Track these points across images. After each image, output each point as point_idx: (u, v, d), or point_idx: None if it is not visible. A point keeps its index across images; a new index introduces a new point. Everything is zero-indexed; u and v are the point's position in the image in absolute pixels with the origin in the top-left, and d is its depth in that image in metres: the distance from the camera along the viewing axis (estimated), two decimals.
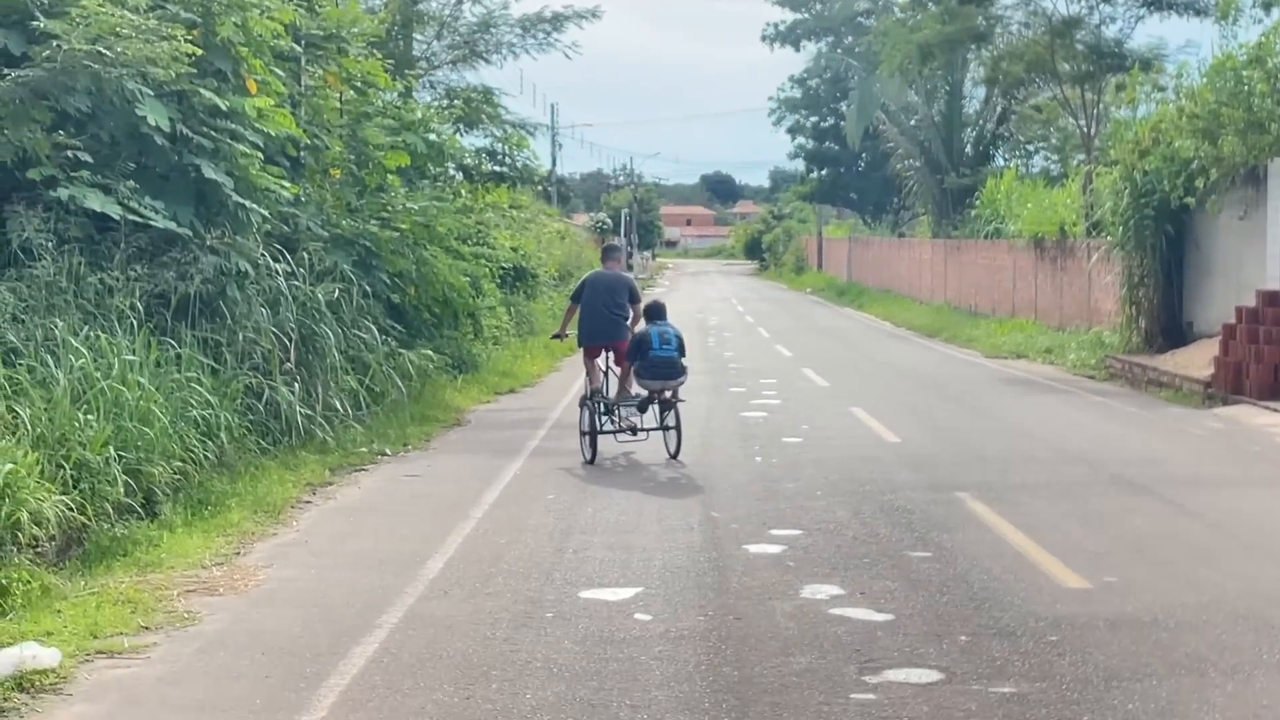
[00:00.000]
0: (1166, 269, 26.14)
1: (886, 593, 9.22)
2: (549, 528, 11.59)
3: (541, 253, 38.48)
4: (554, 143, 76.82)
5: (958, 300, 44.17)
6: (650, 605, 8.92)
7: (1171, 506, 12.41)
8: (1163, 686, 7.14)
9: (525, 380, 25.17)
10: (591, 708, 6.88)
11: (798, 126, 76.87)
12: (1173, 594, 9.11)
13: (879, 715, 6.74)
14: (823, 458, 15.44)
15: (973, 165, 52.03)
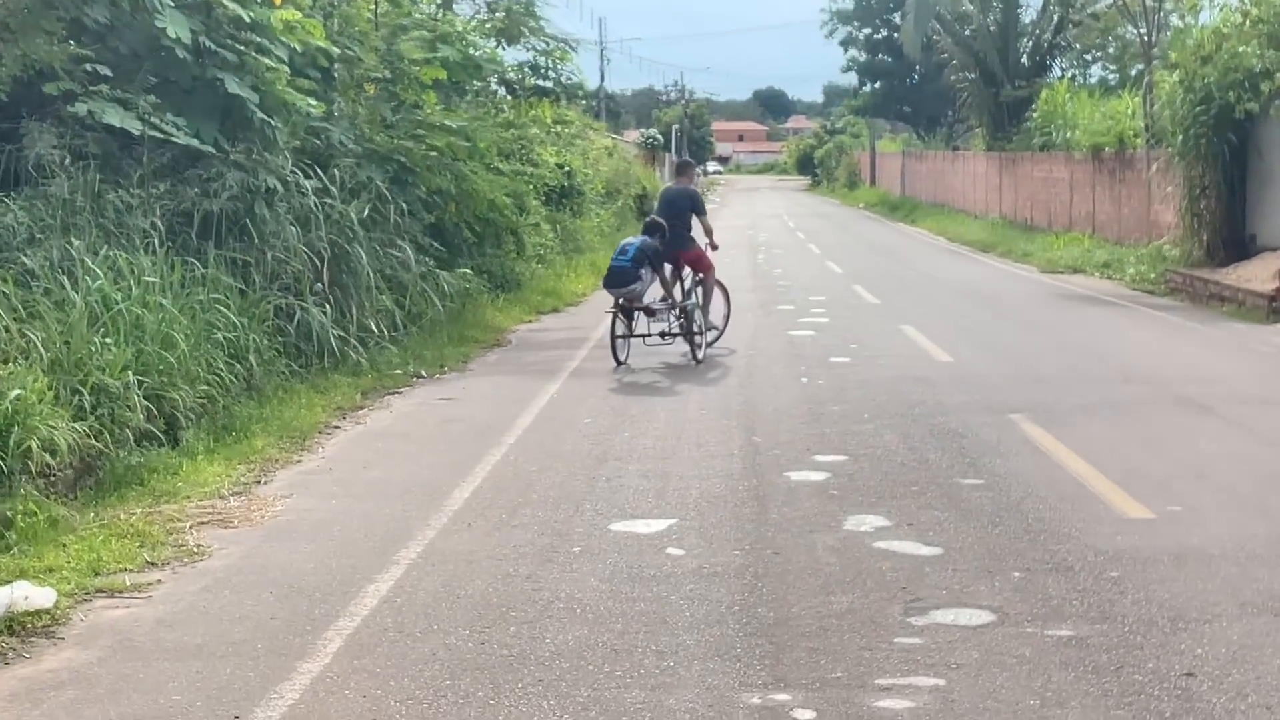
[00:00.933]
0: (1229, 179, 25.24)
1: (935, 524, 8.68)
2: (583, 454, 11.11)
3: (588, 169, 37.79)
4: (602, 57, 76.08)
5: (1013, 214, 43.29)
6: (684, 539, 8.43)
7: (1238, 428, 11.81)
8: (1233, 628, 6.60)
9: (569, 299, 24.66)
10: (614, 653, 6.40)
11: (850, 39, 75.64)
12: (1242, 524, 8.54)
13: (925, 662, 6.22)
14: (871, 378, 14.88)
15: (1029, 76, 50.83)
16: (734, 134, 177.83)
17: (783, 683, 6.01)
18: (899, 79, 72.41)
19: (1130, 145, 33.07)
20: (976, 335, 18.53)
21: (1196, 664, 6.14)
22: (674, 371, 15.65)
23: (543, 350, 17.97)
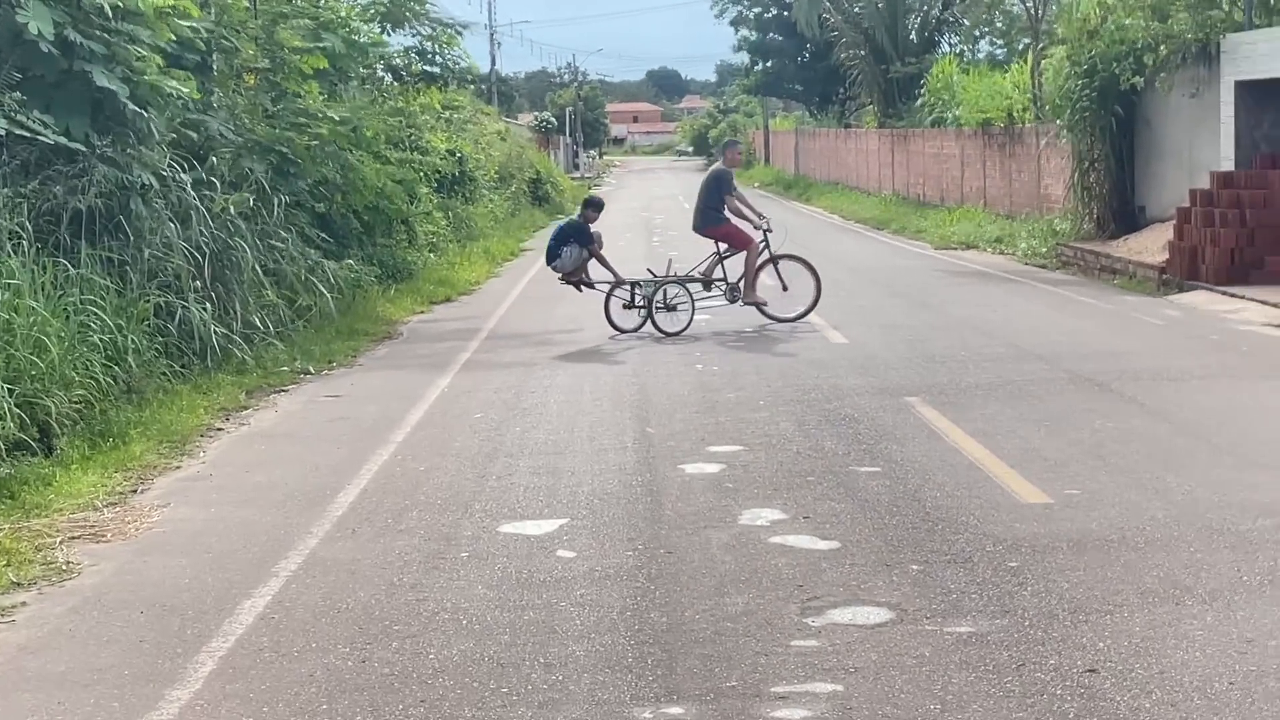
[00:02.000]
0: (1117, 152, 25.37)
1: (832, 516, 8.50)
2: (473, 451, 10.83)
3: (480, 155, 37.38)
4: (492, 41, 75.48)
5: (905, 190, 43.41)
6: (575, 540, 8.18)
7: (1133, 405, 11.74)
8: (1135, 619, 6.45)
9: (463, 288, 24.34)
10: (501, 668, 6.14)
11: (741, 18, 75.42)
12: (1140, 506, 8.43)
13: (822, 666, 6.02)
14: (766, 363, 14.71)
15: (918, 53, 51.00)
16: (629, 115, 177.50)
17: (676, 694, 5.79)
18: (790, 57, 72.33)
19: (1019, 120, 33.20)
20: (871, 315, 18.44)
21: (1099, 659, 5.98)
22: (569, 359, 15.40)
23: (435, 342, 17.64)
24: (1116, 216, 25.40)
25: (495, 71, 76.28)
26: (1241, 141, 21.30)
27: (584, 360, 15.43)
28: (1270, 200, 19.95)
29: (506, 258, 31.12)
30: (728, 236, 18.08)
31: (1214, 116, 22.11)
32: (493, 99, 66.66)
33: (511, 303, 22.22)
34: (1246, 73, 20.94)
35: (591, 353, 15.99)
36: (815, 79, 70.29)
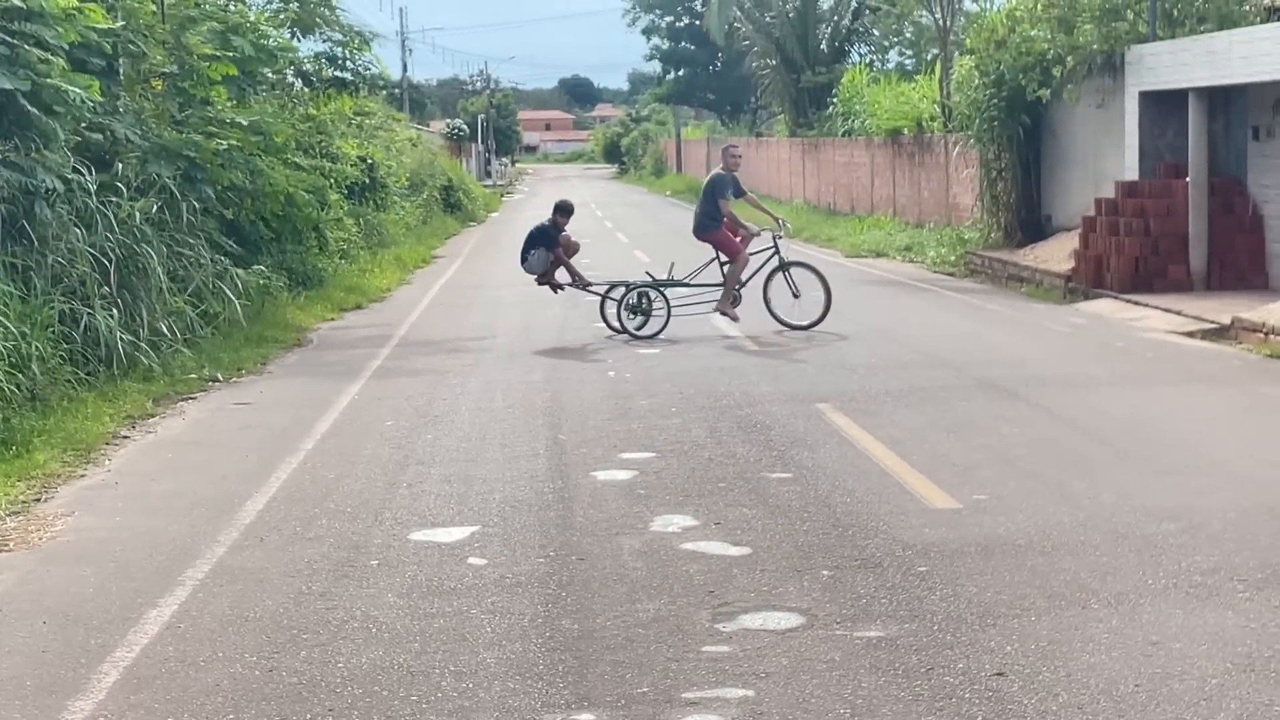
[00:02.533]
0: (1024, 161, 25.68)
1: (743, 522, 8.52)
2: (384, 459, 10.76)
3: (392, 161, 37.18)
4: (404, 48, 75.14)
5: (816, 199, 43.67)
6: (486, 547, 8.14)
7: (1040, 411, 11.87)
8: (1042, 622, 6.51)
9: (373, 295, 24.19)
10: (411, 676, 6.09)
11: (653, 27, 75.74)
12: (1047, 511, 8.51)
13: (733, 672, 6.02)
14: (679, 370, 14.74)
15: (829, 63, 51.30)
16: (541, 123, 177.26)
17: (586, 701, 5.77)
18: (702, 66, 72.68)
19: (928, 129, 33.49)
20: None
21: (1007, 662, 6.03)
22: (482, 366, 15.34)
23: (345, 349, 17.52)
24: (1024, 225, 25.70)
25: (407, 78, 75.96)
26: (1145, 151, 21.61)
27: (496, 367, 15.37)
28: (1173, 209, 20.24)
29: (418, 265, 30.98)
30: (720, 244, 18.10)
31: (1119, 126, 22.42)
32: (404, 106, 66.32)
33: (423, 310, 22.11)
34: (1150, 84, 21.24)
35: (503, 360, 15.94)
36: (727, 88, 70.68)
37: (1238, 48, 18.76)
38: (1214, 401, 12.24)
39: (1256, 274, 19.68)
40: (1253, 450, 10.09)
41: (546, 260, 18.44)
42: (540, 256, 18.45)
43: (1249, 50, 18.43)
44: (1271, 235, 19.61)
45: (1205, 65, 19.57)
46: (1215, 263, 19.92)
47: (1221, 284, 19.70)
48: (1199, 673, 5.84)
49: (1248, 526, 8.04)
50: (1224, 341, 16.11)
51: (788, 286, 17.75)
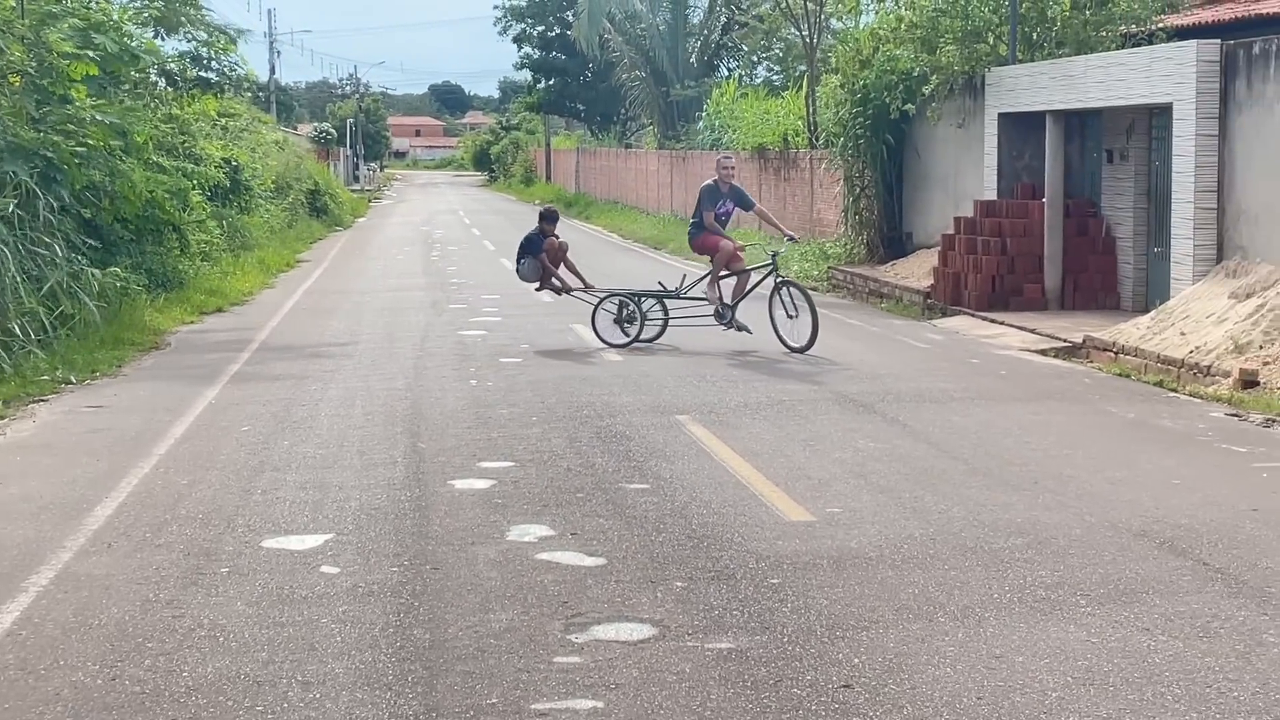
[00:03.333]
0: (887, 179, 26.03)
1: (599, 532, 8.53)
2: (239, 465, 10.63)
3: (257, 164, 36.76)
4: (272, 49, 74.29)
5: (684, 211, 43.78)
6: (340, 555, 8.08)
7: (896, 425, 12.04)
8: (889, 635, 6.60)
9: (235, 298, 23.91)
10: (257, 686, 6.03)
11: (524, 35, 75.53)
12: (898, 525, 8.63)
13: (583, 683, 6.03)
14: (541, 379, 14.73)
15: (698, 76, 51.68)
16: (411, 129, 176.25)
17: (435, 712, 5.74)
18: (573, 76, 72.63)
19: (794, 145, 33.81)
20: None
21: (854, 674, 6.10)
22: (342, 373, 15.21)
23: (204, 353, 17.30)
24: (886, 242, 26.06)
25: (275, 80, 75.13)
26: (1004, 171, 22.02)
27: (357, 374, 15.26)
28: (1030, 229, 20.63)
29: (282, 269, 30.67)
30: (705, 249, 17.82)
31: (979, 147, 22.82)
32: (271, 108, 65.62)
33: (285, 314, 21.89)
34: (1009, 105, 21.64)
35: (365, 366, 15.83)
36: (597, 99, 70.71)
37: (1094, 72, 19.18)
38: (1063, 419, 12.49)
39: (1109, 294, 20.13)
40: (1099, 467, 10.31)
41: (536, 268, 18.45)
42: (530, 264, 18.45)
43: (1104, 75, 18.85)
44: (1123, 256, 20.06)
45: (1062, 89, 19.99)
46: (1069, 282, 20.33)
47: (1075, 303, 20.11)
48: (1040, 686, 5.95)
49: (1092, 542, 8.21)
50: (1075, 360, 16.45)
51: (783, 305, 16.82)
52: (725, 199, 17.75)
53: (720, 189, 17.72)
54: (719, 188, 17.71)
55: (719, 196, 17.67)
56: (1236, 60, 16.39)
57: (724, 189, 17.74)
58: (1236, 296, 15.54)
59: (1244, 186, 16.27)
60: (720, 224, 17.72)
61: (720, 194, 17.70)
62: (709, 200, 17.62)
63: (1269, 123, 15.79)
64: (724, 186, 17.76)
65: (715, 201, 17.62)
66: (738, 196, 17.96)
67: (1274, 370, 13.61)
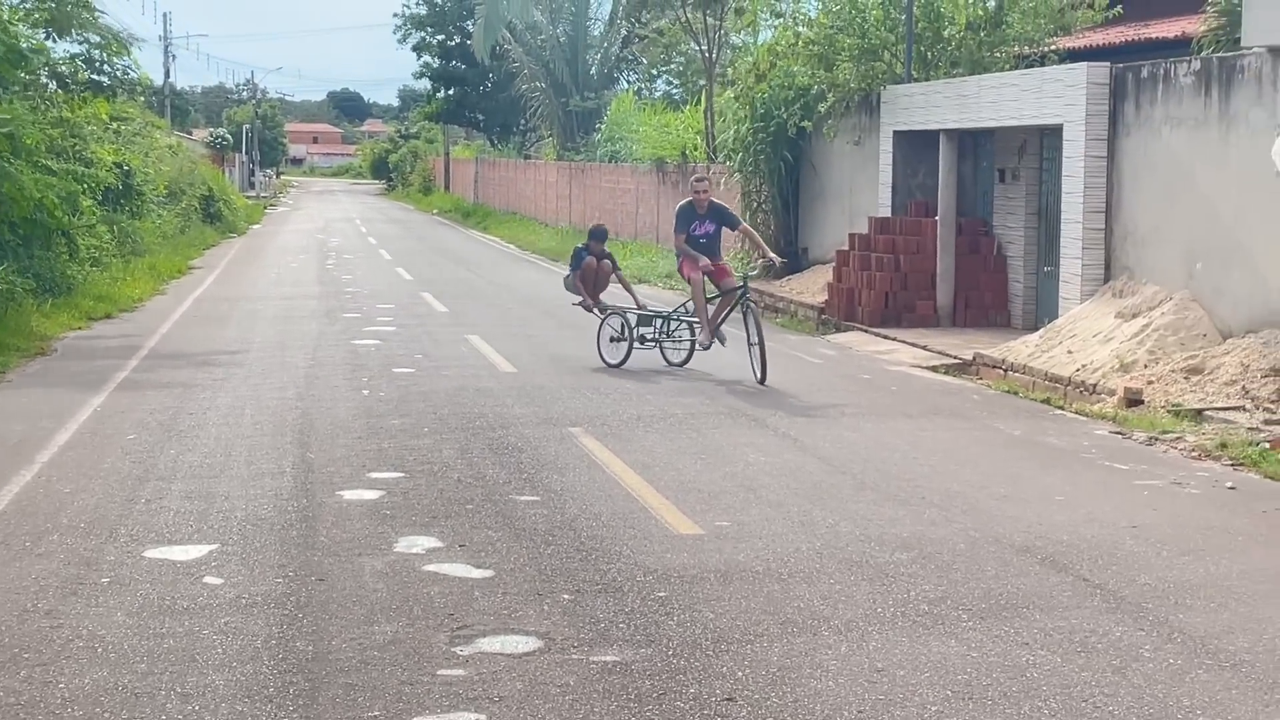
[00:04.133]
0: (784, 195, 26.23)
1: (488, 544, 8.51)
2: (123, 473, 10.49)
3: (150, 169, 36.31)
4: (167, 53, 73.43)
5: (583, 223, 43.81)
6: (224, 566, 7.99)
7: (786, 440, 12.11)
8: (774, 648, 6.64)
9: (125, 305, 23.61)
10: (135, 698, 5.94)
11: (424, 44, 75.22)
12: (786, 539, 8.69)
13: (467, 695, 6.01)
14: (434, 390, 14.67)
15: (597, 88, 51.75)
16: (308, 135, 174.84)
17: None
18: (473, 86, 72.41)
19: (692, 159, 33.94)
20: (541, 345, 18.58)
21: (738, 687, 6.13)
22: (232, 381, 15.05)
23: (91, 359, 17.05)
24: (782, 257, 26.17)
25: (170, 84, 74.26)
26: (898, 189, 22.26)
27: (247, 383, 15.11)
28: (922, 246, 20.86)
29: (174, 275, 30.31)
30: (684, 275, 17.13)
31: (874, 164, 23.05)
32: (166, 112, 64.86)
33: (176, 322, 21.64)
34: (904, 124, 21.88)
35: (256, 375, 15.68)
36: (497, 109, 70.59)
37: (987, 93, 19.44)
38: (952, 435, 12.64)
39: (999, 312, 20.40)
40: (985, 483, 10.44)
41: (573, 283, 18.03)
42: (569, 279, 18.18)
43: (997, 95, 19.11)
44: (1014, 275, 20.34)
45: (956, 108, 20.24)
46: (961, 300, 20.57)
47: (966, 320, 20.36)
48: (920, 700, 6.01)
49: (976, 557, 8.31)
50: (965, 376, 16.65)
51: (746, 331, 15.68)
52: (703, 219, 16.57)
53: (696, 209, 16.59)
54: (694, 208, 16.60)
55: (693, 217, 16.56)
56: (1125, 83, 16.69)
57: (701, 209, 16.58)
58: (1123, 316, 15.80)
59: (1131, 208, 16.56)
60: (700, 246, 16.50)
61: (695, 214, 16.58)
62: (681, 222, 16.64)
63: (1156, 145, 16.08)
64: (700, 206, 16.58)
65: (689, 223, 16.56)
66: (719, 215, 16.75)
67: (1157, 389, 13.85)
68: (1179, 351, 14.58)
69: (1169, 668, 6.43)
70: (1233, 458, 11.42)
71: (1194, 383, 13.84)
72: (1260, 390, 13.18)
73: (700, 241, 16.55)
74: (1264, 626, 7.04)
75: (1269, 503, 9.98)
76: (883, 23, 23.42)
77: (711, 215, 16.64)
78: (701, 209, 16.58)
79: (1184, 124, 15.60)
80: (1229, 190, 14.82)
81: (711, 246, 16.64)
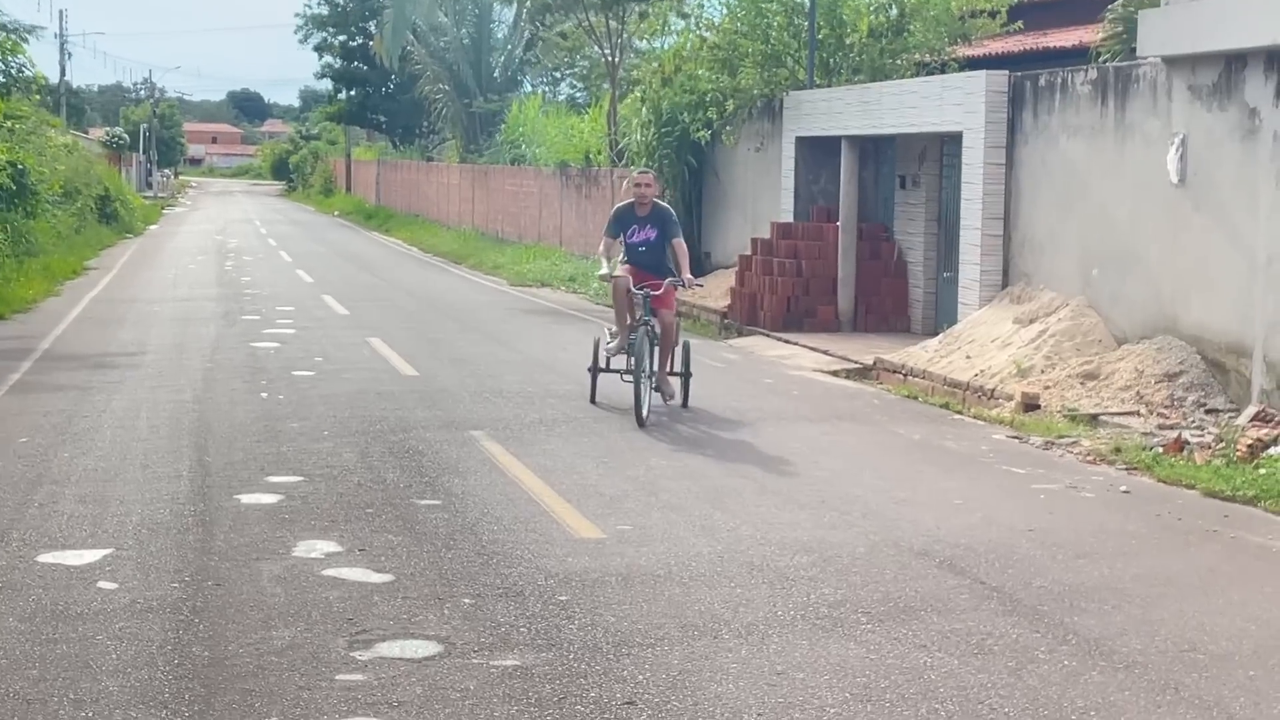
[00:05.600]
0: (687, 200, 26.28)
1: (388, 549, 8.45)
2: (15, 477, 10.31)
3: (44, 168, 35.71)
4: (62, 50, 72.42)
5: (485, 226, 43.77)
6: (119, 571, 7.88)
7: (688, 444, 12.14)
8: (675, 652, 6.64)
9: (17, 305, 23.19)
10: (27, 704, 5.84)
11: (325, 45, 74.64)
12: (687, 543, 8.70)
13: (365, 700, 5.96)
14: (334, 393, 14.56)
15: (501, 91, 51.63)
16: (208, 135, 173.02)
17: None
18: (375, 87, 71.91)
19: (595, 163, 33.95)
20: (443, 348, 18.48)
21: (638, 691, 6.12)
22: (128, 384, 14.85)
23: None
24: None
25: (65, 82, 73.23)
26: (801, 194, 22.39)
27: (143, 385, 14.91)
28: (824, 252, 20.99)
29: (68, 276, 29.87)
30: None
31: (777, 170, 23.16)
32: (61, 110, 63.91)
33: (70, 323, 21.32)
34: (806, 130, 22.02)
35: (152, 377, 15.48)
36: (399, 110, 70.17)
37: (888, 99, 19.60)
38: (852, 439, 12.73)
39: (900, 317, 20.57)
40: (885, 487, 10.52)
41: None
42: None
43: (899, 102, 19.27)
44: (914, 281, 20.53)
45: (858, 114, 20.39)
46: (862, 305, 20.73)
47: (867, 325, 20.51)
48: (819, 702, 6.04)
49: (875, 561, 8.37)
50: (866, 381, 16.77)
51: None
52: (643, 223, 14.15)
53: (636, 211, 14.20)
54: (634, 210, 14.21)
55: (631, 221, 14.19)
56: (1024, 91, 16.89)
57: (641, 211, 14.18)
58: (1020, 322, 15.98)
59: (1029, 215, 16.76)
60: (638, 257, 14.16)
61: (634, 217, 14.19)
62: (613, 225, 14.33)
63: (1053, 153, 16.29)
64: (641, 209, 14.19)
65: (625, 226, 14.21)
66: (662, 221, 14.21)
67: (1054, 394, 14.03)
68: (1075, 357, 14.77)
69: (1064, 669, 6.51)
70: (1127, 462, 11.59)
71: (1089, 388, 14.03)
72: (1154, 395, 13.39)
73: (639, 250, 14.17)
74: (1156, 628, 7.15)
75: (1162, 506, 10.13)
76: (785, 28, 23.56)
77: (655, 220, 14.22)
78: (643, 211, 14.21)
79: (1081, 132, 15.81)
80: (1124, 198, 15.04)
81: (653, 258, 14.22)
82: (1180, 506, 10.15)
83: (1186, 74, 14.04)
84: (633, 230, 14.22)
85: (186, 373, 15.95)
